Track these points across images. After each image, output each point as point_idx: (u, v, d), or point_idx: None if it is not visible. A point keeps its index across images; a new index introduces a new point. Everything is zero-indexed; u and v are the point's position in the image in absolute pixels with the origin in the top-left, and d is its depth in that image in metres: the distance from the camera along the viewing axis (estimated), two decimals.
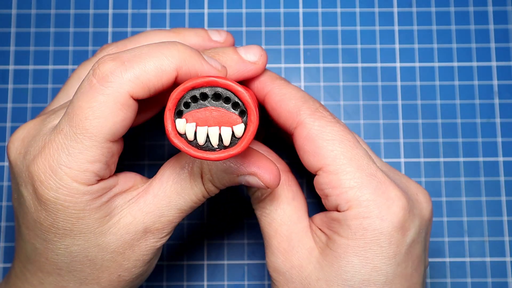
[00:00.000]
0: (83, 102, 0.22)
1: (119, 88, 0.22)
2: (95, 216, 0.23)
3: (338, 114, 0.35)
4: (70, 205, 0.23)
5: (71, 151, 0.22)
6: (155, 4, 0.36)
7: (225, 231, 0.34)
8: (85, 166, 0.22)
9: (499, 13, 0.36)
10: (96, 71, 0.22)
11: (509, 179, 0.35)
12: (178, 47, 0.23)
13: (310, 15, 0.36)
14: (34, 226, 0.24)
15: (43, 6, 0.36)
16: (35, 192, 0.23)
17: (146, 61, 0.22)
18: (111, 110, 0.22)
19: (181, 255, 0.34)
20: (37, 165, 0.23)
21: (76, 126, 0.22)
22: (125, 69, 0.22)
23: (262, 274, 0.34)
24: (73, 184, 0.22)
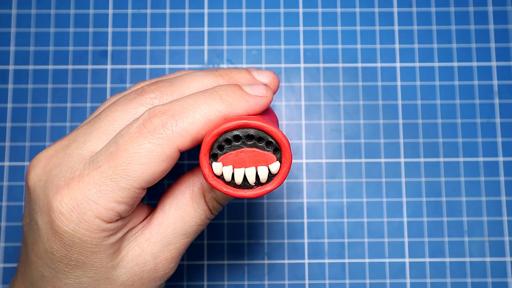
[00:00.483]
0: (130, 146, 0.23)
1: (168, 141, 0.23)
2: (109, 251, 0.24)
3: (338, 114, 0.35)
4: (87, 240, 0.23)
5: (103, 188, 0.22)
6: (155, 4, 0.36)
7: (225, 231, 0.34)
8: (112, 205, 0.23)
9: (499, 13, 0.36)
10: (148, 123, 0.23)
11: (509, 179, 0.35)
12: (226, 97, 0.24)
13: (310, 15, 0.36)
14: (45, 255, 0.24)
15: (43, 6, 0.36)
16: (51, 223, 0.23)
17: (195, 114, 0.23)
18: (156, 160, 0.23)
19: None
20: (61, 196, 0.23)
21: (117, 167, 0.22)
22: (176, 123, 0.23)
23: (262, 274, 0.34)
24: (95, 220, 0.23)
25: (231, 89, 0.25)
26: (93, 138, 0.24)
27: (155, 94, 0.25)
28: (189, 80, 0.26)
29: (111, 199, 0.23)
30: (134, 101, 0.25)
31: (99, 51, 0.36)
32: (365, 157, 0.35)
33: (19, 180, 0.35)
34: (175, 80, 0.26)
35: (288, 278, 0.34)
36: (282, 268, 0.34)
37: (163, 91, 0.26)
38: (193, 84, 0.26)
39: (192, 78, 0.26)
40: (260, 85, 0.26)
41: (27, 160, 0.35)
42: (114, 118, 0.25)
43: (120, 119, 0.25)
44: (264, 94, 0.25)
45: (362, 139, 0.35)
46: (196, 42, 0.36)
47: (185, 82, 0.26)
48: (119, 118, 0.25)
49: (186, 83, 0.26)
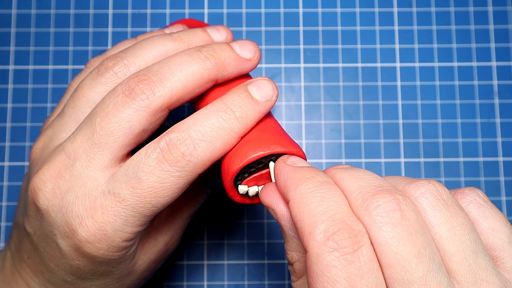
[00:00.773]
0: (156, 183, 0.23)
1: (190, 172, 0.23)
2: (131, 256, 0.25)
3: (338, 114, 0.35)
4: (115, 258, 0.24)
5: (128, 219, 0.23)
6: (155, 4, 0.36)
7: (225, 231, 0.34)
8: (137, 229, 0.24)
9: (499, 13, 0.36)
10: (167, 154, 0.23)
11: (509, 179, 0.35)
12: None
13: (310, 15, 0.36)
14: (69, 268, 0.25)
15: (43, 6, 0.36)
16: (78, 249, 0.23)
17: (216, 143, 0.23)
18: (179, 191, 0.23)
19: (181, 255, 0.34)
20: (86, 227, 0.23)
21: (142, 201, 0.23)
22: (195, 149, 0.23)
23: (262, 274, 0.34)
24: (123, 243, 0.24)
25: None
26: (96, 155, 0.24)
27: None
28: (149, 46, 0.26)
29: (136, 225, 0.23)
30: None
31: (99, 51, 0.36)
32: (365, 157, 0.35)
33: (19, 180, 0.35)
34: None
35: (288, 278, 0.34)
36: (282, 268, 0.34)
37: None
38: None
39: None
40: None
41: (27, 160, 0.35)
42: (108, 124, 0.24)
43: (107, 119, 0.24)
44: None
45: (362, 139, 0.35)
46: None
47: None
48: (113, 124, 0.24)
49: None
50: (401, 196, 0.19)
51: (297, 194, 0.20)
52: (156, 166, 0.23)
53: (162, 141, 0.23)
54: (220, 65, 0.25)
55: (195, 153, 0.23)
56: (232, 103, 0.24)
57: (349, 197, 0.20)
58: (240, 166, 0.23)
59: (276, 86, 0.26)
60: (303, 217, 0.20)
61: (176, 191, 0.23)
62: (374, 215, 0.19)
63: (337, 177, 0.21)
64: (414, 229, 0.19)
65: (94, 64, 0.29)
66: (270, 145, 0.23)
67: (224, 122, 0.24)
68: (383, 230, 0.18)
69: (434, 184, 0.21)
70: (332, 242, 0.18)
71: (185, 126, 0.23)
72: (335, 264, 0.18)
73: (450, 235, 0.20)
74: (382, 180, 0.20)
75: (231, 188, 0.24)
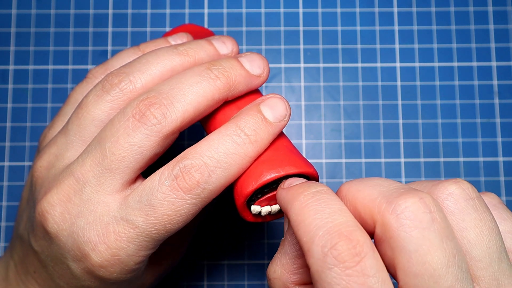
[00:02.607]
0: (170, 211, 0.22)
1: (203, 200, 0.23)
2: (141, 274, 0.26)
3: (338, 114, 0.35)
4: (127, 279, 0.24)
5: (142, 244, 0.23)
6: (155, 4, 0.36)
7: (225, 231, 0.34)
8: (150, 252, 0.24)
9: (499, 13, 0.36)
10: (181, 181, 0.22)
11: (509, 179, 0.35)
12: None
13: (310, 15, 0.36)
14: (80, 287, 0.25)
15: (43, 6, 0.36)
16: (91, 272, 0.23)
17: (232, 168, 0.23)
18: (192, 216, 0.23)
19: None
20: (100, 253, 0.23)
21: (156, 227, 0.23)
22: (207, 181, 0.23)
23: (262, 274, 0.34)
24: (135, 266, 0.24)
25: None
26: (107, 180, 0.23)
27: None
28: (155, 61, 0.25)
29: (149, 249, 0.23)
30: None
31: (99, 51, 0.36)
32: (365, 157, 0.35)
33: (19, 180, 0.35)
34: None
35: None
36: None
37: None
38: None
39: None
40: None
41: (27, 160, 0.35)
42: (119, 150, 0.23)
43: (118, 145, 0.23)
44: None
45: (362, 139, 0.35)
46: None
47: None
48: (124, 149, 0.23)
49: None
50: (428, 196, 0.18)
51: (293, 213, 0.19)
52: (170, 194, 0.22)
53: (176, 168, 0.22)
54: (231, 84, 0.25)
55: (210, 180, 0.22)
56: (245, 126, 0.23)
57: (371, 205, 0.19)
58: (254, 188, 0.23)
59: (289, 105, 0.25)
60: (301, 236, 0.19)
61: (190, 217, 0.23)
62: (402, 219, 0.17)
63: (354, 189, 0.20)
64: (445, 234, 0.18)
65: (96, 75, 0.28)
66: (284, 166, 0.23)
67: (239, 147, 0.23)
68: (413, 236, 0.17)
69: (462, 184, 0.20)
70: (331, 258, 0.17)
71: (199, 152, 0.23)
72: (337, 281, 0.17)
73: (478, 241, 0.19)
74: (403, 184, 0.19)
75: (244, 208, 0.24)
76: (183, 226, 0.23)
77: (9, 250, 0.29)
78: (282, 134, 0.26)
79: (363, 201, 0.19)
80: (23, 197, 0.29)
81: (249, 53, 0.26)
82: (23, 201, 0.29)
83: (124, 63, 0.28)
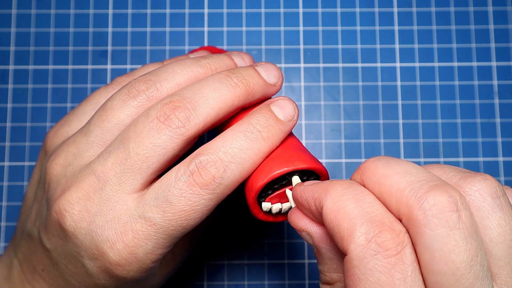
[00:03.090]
0: (187, 206, 0.23)
1: (220, 194, 0.23)
2: (154, 273, 0.26)
3: (338, 114, 0.35)
4: (142, 278, 0.24)
5: (159, 241, 0.23)
6: (155, 4, 0.36)
7: (225, 231, 0.34)
8: (166, 250, 0.24)
9: (499, 13, 0.36)
10: (197, 177, 0.23)
11: (509, 179, 0.35)
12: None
13: (310, 15, 0.36)
14: (94, 286, 0.25)
15: (43, 6, 0.36)
16: (107, 271, 0.24)
17: (245, 163, 0.24)
18: (209, 211, 0.24)
19: None
20: (118, 251, 0.23)
21: (173, 224, 0.23)
22: (225, 172, 0.23)
23: (262, 274, 0.34)
24: (152, 264, 0.24)
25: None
26: (128, 179, 0.24)
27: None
28: (181, 72, 0.26)
29: (166, 247, 0.24)
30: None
31: (99, 51, 0.36)
32: (365, 157, 0.35)
33: (19, 180, 0.35)
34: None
35: (288, 278, 0.34)
36: (282, 268, 0.34)
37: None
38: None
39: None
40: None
41: (27, 160, 0.35)
42: (144, 150, 0.24)
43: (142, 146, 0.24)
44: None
45: (362, 139, 0.35)
46: (196, 42, 0.36)
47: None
48: (148, 150, 0.24)
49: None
50: (457, 194, 0.18)
51: (330, 200, 0.20)
52: (187, 190, 0.23)
53: (192, 164, 0.23)
54: (249, 91, 0.25)
55: (225, 175, 0.23)
56: (258, 123, 0.24)
57: (399, 195, 0.19)
58: (264, 182, 0.23)
59: (297, 106, 0.26)
60: (340, 221, 0.19)
61: (206, 213, 0.23)
62: (429, 216, 0.17)
63: (381, 173, 0.20)
64: (469, 233, 0.18)
65: (122, 83, 0.28)
66: (294, 161, 0.24)
67: (252, 143, 0.24)
68: (439, 234, 0.17)
69: (490, 181, 0.20)
70: (375, 245, 0.18)
71: (214, 148, 0.23)
72: (379, 268, 0.17)
73: (500, 240, 0.19)
74: (430, 174, 0.19)
75: (255, 205, 0.24)
76: (199, 222, 0.24)
77: (12, 249, 0.29)
78: (292, 134, 0.26)
79: (390, 189, 0.19)
80: (29, 195, 0.29)
81: (264, 63, 0.27)
82: (28, 199, 0.29)
83: None
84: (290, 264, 0.34)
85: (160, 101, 0.24)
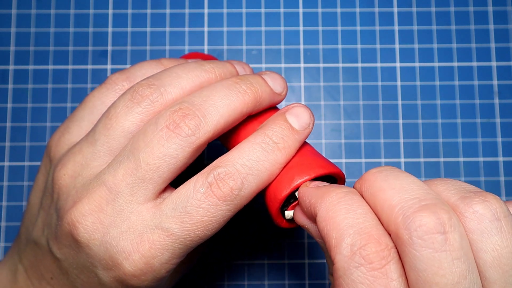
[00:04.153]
0: (205, 217, 0.23)
1: (237, 206, 0.24)
2: (165, 280, 0.26)
3: (338, 114, 0.35)
4: (155, 286, 0.24)
5: (175, 251, 0.23)
6: (155, 4, 0.36)
7: (225, 231, 0.34)
8: (180, 260, 0.24)
9: (499, 13, 0.36)
10: (215, 188, 0.23)
11: (509, 179, 0.35)
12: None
13: (310, 15, 0.36)
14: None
15: (43, 6, 0.36)
16: (122, 281, 0.24)
17: (261, 169, 0.24)
18: (225, 222, 0.24)
19: None
20: (134, 261, 0.23)
21: (191, 234, 0.23)
22: (240, 189, 0.23)
23: (262, 274, 0.34)
24: (166, 274, 0.24)
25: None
26: (140, 190, 0.23)
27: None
28: (185, 76, 0.26)
29: (181, 256, 0.24)
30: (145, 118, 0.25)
31: (99, 51, 0.36)
32: (365, 157, 0.35)
33: (19, 180, 0.35)
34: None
35: (288, 278, 0.34)
36: (282, 268, 0.34)
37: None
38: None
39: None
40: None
41: (27, 160, 0.35)
42: (154, 160, 0.23)
43: (153, 155, 0.24)
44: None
45: (362, 139, 0.35)
46: (196, 42, 0.36)
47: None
48: (159, 159, 0.23)
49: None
50: (446, 215, 0.18)
51: (323, 208, 0.20)
52: (206, 201, 0.23)
53: (210, 175, 0.23)
54: (257, 99, 0.25)
55: (243, 187, 0.23)
56: (273, 135, 0.24)
57: (389, 212, 0.19)
58: (288, 192, 0.24)
59: (312, 113, 0.26)
60: (330, 231, 0.19)
61: (222, 223, 0.24)
62: (414, 237, 0.17)
63: (377, 186, 0.20)
64: (456, 256, 0.17)
65: (117, 82, 0.27)
66: (314, 168, 0.24)
67: (269, 154, 0.24)
68: (423, 255, 0.17)
69: (490, 202, 0.19)
70: (359, 257, 0.18)
71: (232, 160, 0.23)
72: (361, 280, 0.18)
73: (494, 264, 0.18)
74: (427, 191, 0.19)
75: (279, 215, 0.25)
76: (216, 232, 0.24)
77: (16, 254, 0.28)
78: (305, 141, 0.26)
79: (383, 204, 0.19)
80: (33, 202, 0.29)
81: (270, 72, 0.27)
82: (33, 206, 0.28)
83: (146, 74, 0.28)
84: (290, 264, 0.34)
85: (168, 108, 0.24)
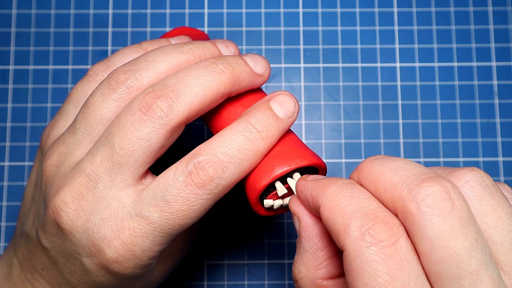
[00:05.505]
0: (184, 206, 0.23)
1: (216, 195, 0.24)
2: (152, 269, 0.26)
3: (338, 114, 0.35)
4: (140, 274, 0.24)
5: (156, 239, 0.23)
6: (155, 4, 0.36)
7: (225, 231, 0.34)
8: (163, 247, 0.24)
9: (499, 13, 0.36)
10: (195, 176, 0.23)
11: (509, 179, 0.35)
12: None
13: (310, 15, 0.36)
14: (93, 284, 0.25)
15: (43, 6, 0.36)
16: (105, 268, 0.24)
17: (240, 165, 0.24)
18: (206, 210, 0.24)
19: None
20: (115, 248, 0.23)
21: (170, 223, 0.23)
22: (222, 174, 0.23)
23: (262, 274, 0.34)
24: (149, 261, 0.24)
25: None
26: (118, 175, 0.23)
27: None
28: (161, 59, 0.25)
29: (163, 244, 0.24)
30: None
31: (99, 51, 0.36)
32: (365, 157, 0.35)
33: (19, 180, 0.35)
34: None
35: (288, 278, 0.34)
36: (282, 268, 0.34)
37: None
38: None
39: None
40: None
41: (27, 160, 0.35)
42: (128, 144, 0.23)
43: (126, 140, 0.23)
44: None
45: (362, 139, 0.35)
46: None
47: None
48: (132, 143, 0.23)
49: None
50: (449, 183, 0.18)
51: (326, 198, 0.20)
52: (185, 190, 0.23)
53: (190, 164, 0.23)
54: (235, 79, 0.25)
55: (223, 176, 0.23)
56: (257, 123, 0.24)
57: (392, 190, 0.19)
58: (267, 182, 0.24)
59: (297, 101, 0.26)
60: (336, 218, 0.19)
61: (203, 212, 0.23)
62: (423, 207, 0.18)
63: (375, 170, 0.20)
64: (466, 220, 0.18)
65: (97, 72, 0.28)
66: (295, 159, 0.24)
67: (251, 143, 0.24)
68: (434, 222, 0.17)
69: (477, 172, 0.20)
70: (369, 237, 0.18)
71: (213, 148, 0.23)
72: (374, 258, 0.18)
73: (497, 225, 0.19)
74: (424, 168, 0.19)
75: (257, 204, 0.25)
76: (196, 220, 0.24)
77: (12, 249, 0.29)
78: (289, 129, 0.26)
79: (384, 185, 0.19)
80: (27, 196, 0.29)
81: (251, 54, 0.27)
82: (27, 200, 0.29)
83: (126, 60, 0.28)
84: (290, 264, 0.34)
85: (142, 91, 0.24)
